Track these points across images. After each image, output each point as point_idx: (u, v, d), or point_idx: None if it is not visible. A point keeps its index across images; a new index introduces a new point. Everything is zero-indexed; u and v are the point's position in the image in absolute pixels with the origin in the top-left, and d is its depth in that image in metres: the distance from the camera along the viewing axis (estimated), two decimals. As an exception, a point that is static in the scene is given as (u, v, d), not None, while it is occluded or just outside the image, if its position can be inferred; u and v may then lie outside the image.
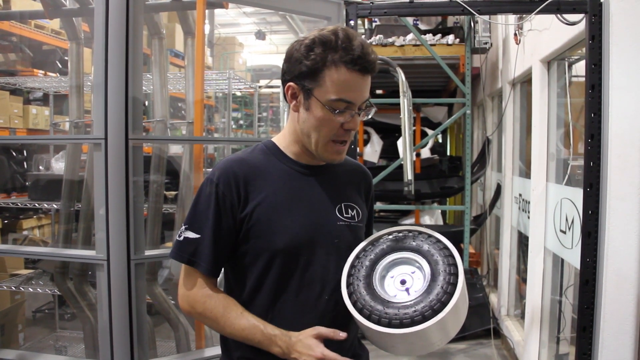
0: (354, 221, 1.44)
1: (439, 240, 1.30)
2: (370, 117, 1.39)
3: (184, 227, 1.37)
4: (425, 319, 1.18)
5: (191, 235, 1.35)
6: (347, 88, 1.28)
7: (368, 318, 1.23)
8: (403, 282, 1.28)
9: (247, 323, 1.31)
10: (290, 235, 1.35)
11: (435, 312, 1.18)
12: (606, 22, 2.40)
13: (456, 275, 1.22)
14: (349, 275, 1.32)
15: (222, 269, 1.42)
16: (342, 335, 1.28)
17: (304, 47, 1.30)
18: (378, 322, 1.22)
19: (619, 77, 2.36)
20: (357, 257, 1.35)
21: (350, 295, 1.29)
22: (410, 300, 1.22)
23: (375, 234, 1.38)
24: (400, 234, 1.34)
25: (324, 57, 1.27)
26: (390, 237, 1.34)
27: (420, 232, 1.32)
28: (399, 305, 1.22)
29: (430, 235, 1.32)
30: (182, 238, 1.36)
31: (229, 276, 1.44)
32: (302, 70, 1.30)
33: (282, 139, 1.45)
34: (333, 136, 1.33)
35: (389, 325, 1.20)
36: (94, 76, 2.14)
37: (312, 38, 1.30)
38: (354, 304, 1.27)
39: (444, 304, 1.19)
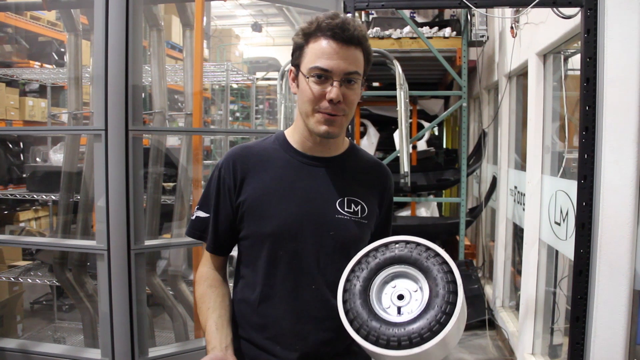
0: (356, 216, 1.42)
1: (450, 270, 1.23)
2: (361, 88, 1.40)
3: (197, 207, 1.49)
4: (400, 347, 1.16)
5: (202, 214, 1.47)
6: (324, 56, 1.30)
7: (351, 323, 1.22)
8: (400, 297, 1.25)
9: (204, 324, 1.40)
10: (279, 221, 1.37)
11: (434, 333, 1.15)
12: (601, 16, 2.42)
13: (454, 305, 1.19)
14: (347, 280, 1.29)
15: (228, 248, 1.50)
16: None
17: (296, 31, 1.38)
18: (357, 331, 1.21)
19: (614, 71, 2.38)
20: (366, 255, 1.31)
21: (345, 302, 1.27)
22: (405, 320, 1.20)
23: (391, 239, 1.32)
24: (417, 249, 1.28)
25: (308, 32, 1.34)
26: (408, 247, 1.28)
27: (436, 254, 1.26)
28: (384, 323, 1.20)
29: (441, 259, 1.25)
30: (194, 217, 1.48)
31: (238, 258, 1.50)
32: (293, 50, 1.38)
33: (290, 130, 1.48)
34: (318, 107, 1.33)
35: (366, 339, 1.20)
36: (94, 67, 2.15)
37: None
38: (347, 313, 1.25)
39: (423, 340, 1.15)
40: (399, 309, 1.24)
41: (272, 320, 1.39)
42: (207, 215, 1.45)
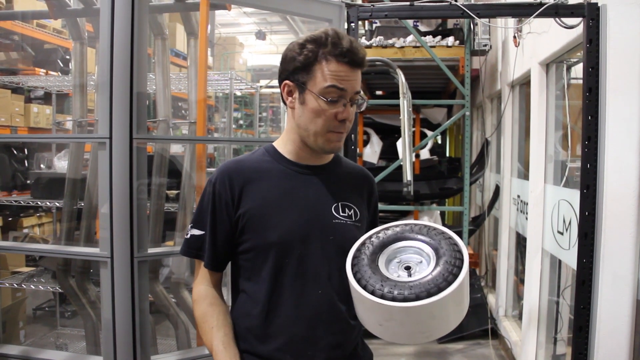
0: (351, 220, 1.47)
1: (450, 236, 1.32)
2: (363, 108, 1.45)
3: (190, 225, 1.48)
4: (418, 299, 1.19)
5: (196, 232, 1.47)
6: (338, 78, 1.35)
7: (364, 288, 1.25)
8: (408, 267, 1.31)
9: (209, 344, 1.40)
10: (283, 230, 1.40)
11: (430, 294, 1.19)
12: (603, 26, 2.43)
13: (461, 260, 1.25)
14: (357, 250, 1.36)
15: (225, 263, 1.50)
16: None
17: (297, 46, 1.39)
18: (372, 293, 1.23)
19: (616, 81, 2.39)
20: (369, 237, 1.38)
21: (353, 266, 1.32)
22: (411, 281, 1.24)
23: (391, 224, 1.41)
24: (416, 227, 1.37)
25: (316, 51, 1.36)
26: (407, 227, 1.38)
27: (435, 228, 1.35)
28: (399, 282, 1.24)
29: (439, 230, 1.35)
30: (189, 236, 1.48)
31: (234, 273, 1.50)
32: (296, 66, 1.38)
33: (280, 142, 1.51)
34: (329, 127, 1.38)
35: (383, 297, 1.21)
36: (99, 75, 2.16)
37: (304, 38, 1.39)
38: (359, 281, 1.28)
39: (440, 289, 1.20)
40: (408, 274, 1.30)
41: (281, 329, 1.40)
42: (202, 232, 1.45)
